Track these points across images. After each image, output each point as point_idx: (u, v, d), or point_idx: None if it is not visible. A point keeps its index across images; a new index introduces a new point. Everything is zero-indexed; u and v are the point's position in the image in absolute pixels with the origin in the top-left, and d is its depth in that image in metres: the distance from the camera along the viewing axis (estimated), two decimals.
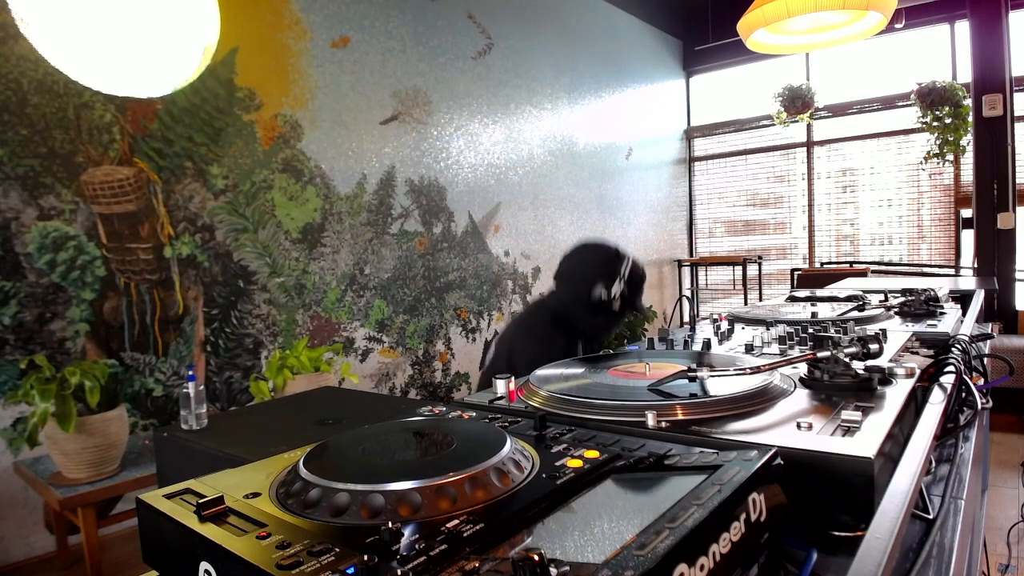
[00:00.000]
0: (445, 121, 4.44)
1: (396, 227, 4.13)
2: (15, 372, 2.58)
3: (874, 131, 5.96)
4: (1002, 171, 4.96)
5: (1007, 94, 4.94)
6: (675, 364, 0.90)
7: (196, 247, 3.16)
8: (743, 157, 6.79)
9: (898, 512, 0.52)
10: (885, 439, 0.61)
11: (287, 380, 2.58)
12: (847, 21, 2.56)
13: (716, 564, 0.41)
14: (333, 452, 0.62)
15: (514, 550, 0.42)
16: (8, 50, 2.57)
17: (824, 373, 0.81)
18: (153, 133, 3.01)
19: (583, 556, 0.41)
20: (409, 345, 4.20)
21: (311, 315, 3.66)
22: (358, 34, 3.88)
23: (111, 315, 2.87)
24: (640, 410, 0.70)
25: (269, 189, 3.45)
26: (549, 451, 0.61)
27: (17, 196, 2.61)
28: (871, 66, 5.95)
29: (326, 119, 3.72)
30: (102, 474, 2.37)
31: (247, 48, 3.34)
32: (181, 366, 3.09)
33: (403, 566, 0.40)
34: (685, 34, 6.93)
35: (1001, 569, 2.40)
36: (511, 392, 0.85)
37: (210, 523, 0.48)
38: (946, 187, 5.62)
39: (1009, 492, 3.24)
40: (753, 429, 0.66)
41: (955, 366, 0.94)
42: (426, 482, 0.50)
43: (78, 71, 1.86)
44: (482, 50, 4.70)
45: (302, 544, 0.43)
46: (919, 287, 1.70)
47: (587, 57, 5.62)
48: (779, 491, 0.53)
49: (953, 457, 0.93)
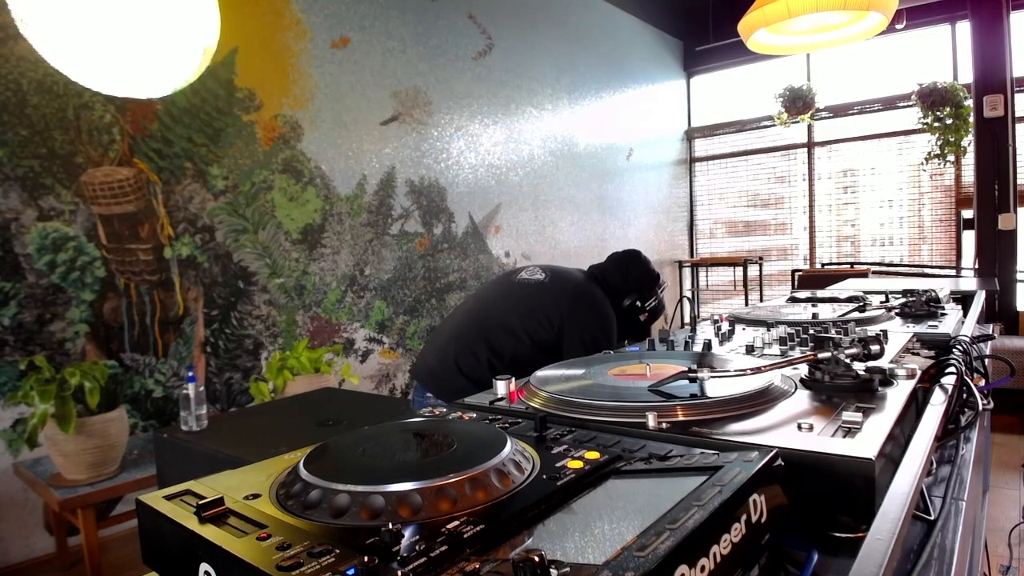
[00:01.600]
0: (445, 122, 4.44)
1: (396, 228, 4.13)
2: (15, 373, 2.58)
3: (875, 132, 5.96)
4: (1003, 172, 4.96)
5: (1008, 95, 4.94)
6: (676, 365, 0.90)
7: (196, 248, 3.16)
8: (744, 158, 6.79)
9: (899, 513, 0.52)
10: (886, 440, 0.61)
11: (287, 381, 2.58)
12: (848, 21, 2.56)
13: (717, 565, 0.41)
14: (333, 453, 0.62)
15: (515, 551, 0.41)
16: (8, 50, 2.57)
17: (825, 374, 0.80)
18: (153, 134, 3.01)
19: (584, 557, 0.41)
20: (409, 346, 4.20)
21: (311, 316, 3.66)
22: (358, 34, 3.88)
23: (111, 316, 2.87)
24: (641, 411, 0.70)
25: (269, 190, 3.45)
26: (549, 452, 0.61)
27: (17, 197, 2.61)
28: (872, 67, 5.95)
29: (326, 119, 3.72)
30: (102, 475, 2.37)
31: (247, 48, 3.34)
32: (181, 367, 3.09)
33: (403, 567, 0.40)
34: (685, 34, 6.93)
35: (1002, 570, 2.40)
36: (511, 393, 0.85)
37: (210, 524, 0.48)
38: (947, 188, 5.62)
39: (1010, 493, 3.24)
40: (754, 430, 0.66)
41: (956, 367, 0.94)
42: (426, 483, 0.50)
43: (78, 71, 1.86)
44: (482, 50, 4.70)
45: (302, 545, 0.43)
46: (920, 288, 1.70)
47: (587, 57, 5.63)
48: (780, 492, 0.53)
49: (954, 458, 0.93)
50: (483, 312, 1.98)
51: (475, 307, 2.03)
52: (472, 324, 1.94)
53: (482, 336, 1.88)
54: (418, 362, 2.04)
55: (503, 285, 2.05)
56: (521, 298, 1.95)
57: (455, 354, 1.88)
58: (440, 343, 1.98)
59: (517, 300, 1.95)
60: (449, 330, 1.99)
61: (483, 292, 2.14)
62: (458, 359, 1.87)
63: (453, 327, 1.99)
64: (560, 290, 1.95)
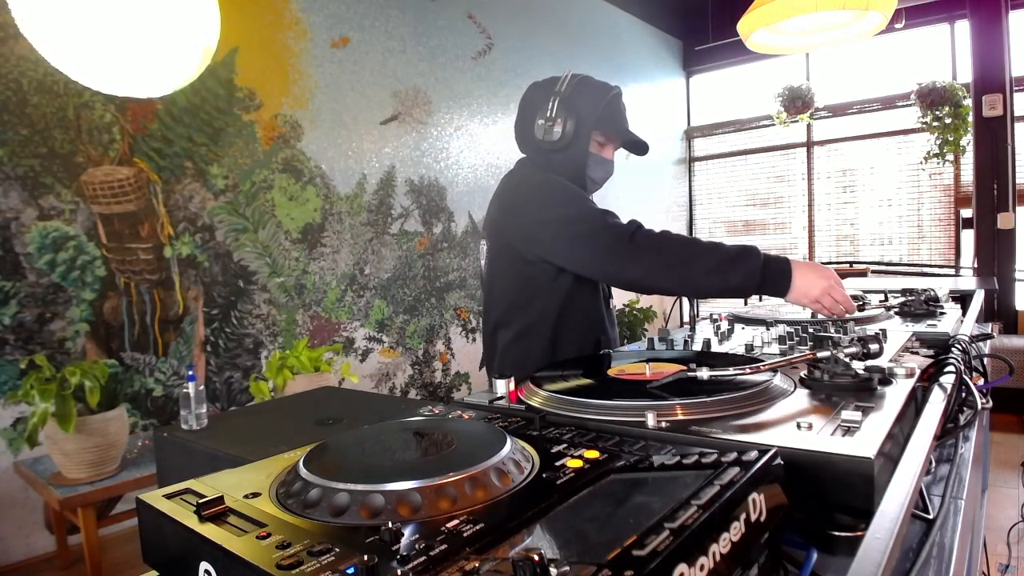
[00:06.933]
0: (445, 121, 4.44)
1: (396, 227, 4.13)
2: (15, 372, 2.58)
3: (874, 131, 5.96)
4: (1002, 171, 4.96)
5: (1007, 94, 4.94)
6: (675, 364, 0.90)
7: (196, 247, 3.16)
8: (743, 157, 6.79)
9: (898, 512, 0.52)
10: (885, 439, 0.61)
11: (287, 380, 2.58)
12: (847, 21, 2.56)
13: (716, 564, 0.41)
14: (333, 452, 0.62)
15: (514, 550, 0.42)
16: (8, 50, 2.57)
17: (824, 373, 0.81)
18: (153, 133, 3.01)
19: (583, 556, 0.41)
20: (409, 345, 4.20)
21: (311, 315, 3.66)
22: (358, 34, 3.88)
23: (111, 315, 2.87)
24: (640, 410, 0.70)
25: (269, 189, 3.45)
26: (549, 451, 0.61)
27: (17, 196, 2.61)
28: (871, 66, 5.95)
29: (326, 119, 3.72)
30: (102, 474, 2.37)
31: (247, 48, 3.34)
32: (181, 366, 3.09)
33: (403, 566, 0.40)
34: (685, 34, 6.92)
35: (1001, 569, 2.40)
36: (511, 392, 0.85)
37: (210, 523, 0.48)
38: (946, 187, 5.62)
39: (1009, 492, 3.24)
40: (753, 429, 0.66)
41: (955, 366, 0.94)
42: (426, 482, 0.50)
43: (78, 71, 1.85)
44: (482, 50, 4.70)
45: (302, 544, 0.44)
46: (919, 287, 1.70)
47: (587, 57, 5.62)
48: (779, 491, 0.53)
49: (953, 457, 0.93)
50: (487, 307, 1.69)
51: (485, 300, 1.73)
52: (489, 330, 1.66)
53: (494, 332, 1.62)
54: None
55: (482, 279, 1.74)
56: (492, 274, 1.60)
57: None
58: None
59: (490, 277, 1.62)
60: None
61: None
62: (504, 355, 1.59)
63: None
64: (494, 229, 1.56)
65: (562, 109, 1.50)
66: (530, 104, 1.59)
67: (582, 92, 1.54)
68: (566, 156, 1.54)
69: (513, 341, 1.54)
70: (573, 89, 1.53)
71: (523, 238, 1.47)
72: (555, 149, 1.53)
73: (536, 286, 1.50)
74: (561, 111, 1.50)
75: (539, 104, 1.55)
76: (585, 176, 1.57)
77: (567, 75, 1.57)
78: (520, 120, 1.63)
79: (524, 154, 1.67)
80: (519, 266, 1.50)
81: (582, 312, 1.55)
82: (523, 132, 1.61)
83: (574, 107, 1.51)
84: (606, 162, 1.61)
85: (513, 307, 1.54)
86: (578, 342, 1.54)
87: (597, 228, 1.35)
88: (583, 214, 1.38)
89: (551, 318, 1.51)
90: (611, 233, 1.33)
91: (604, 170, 1.61)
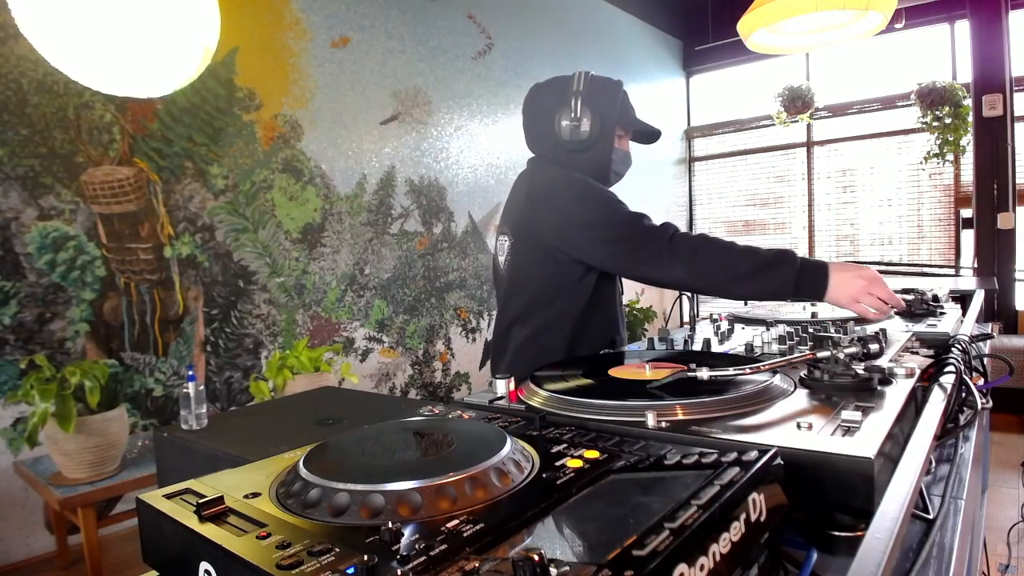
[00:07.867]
0: (445, 121, 4.44)
1: (396, 227, 4.13)
2: (15, 372, 2.58)
3: (874, 131, 5.96)
4: (1002, 171, 4.96)
5: (1007, 94, 4.94)
6: (675, 364, 0.90)
7: (196, 247, 3.16)
8: (743, 157, 6.79)
9: (898, 512, 0.52)
10: (885, 439, 0.61)
11: (287, 380, 2.58)
12: (847, 21, 2.56)
13: (716, 564, 0.41)
14: (333, 452, 0.62)
15: (514, 550, 0.42)
16: (8, 50, 2.57)
17: (824, 373, 0.81)
18: (153, 133, 3.01)
19: (583, 556, 0.41)
20: (409, 345, 4.20)
21: (311, 315, 3.66)
22: (358, 34, 3.88)
23: (111, 315, 2.87)
24: (640, 410, 0.70)
25: (269, 189, 3.45)
26: (549, 451, 0.61)
27: (17, 196, 2.61)
28: (871, 66, 5.95)
29: (326, 119, 3.72)
30: (102, 474, 2.37)
31: (247, 48, 3.34)
32: (181, 366, 3.09)
33: (403, 566, 0.40)
34: (685, 34, 6.93)
35: (1001, 569, 2.40)
36: (511, 392, 0.85)
37: (210, 523, 0.48)
38: (946, 187, 5.62)
39: (1009, 492, 3.24)
40: (753, 429, 0.66)
41: (955, 366, 0.94)
42: (426, 482, 0.50)
43: (78, 71, 1.85)
44: (482, 50, 4.70)
45: (302, 544, 0.44)
46: (919, 287, 1.70)
47: (587, 57, 5.62)
48: (779, 491, 0.53)
49: (953, 457, 0.93)
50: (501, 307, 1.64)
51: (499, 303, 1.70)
52: (501, 330, 1.62)
53: (507, 328, 1.58)
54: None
55: (497, 275, 1.72)
56: (513, 275, 1.57)
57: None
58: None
59: (506, 274, 1.59)
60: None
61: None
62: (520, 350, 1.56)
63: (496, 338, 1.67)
64: (522, 226, 1.53)
65: (586, 108, 1.52)
66: (541, 106, 1.60)
67: (599, 89, 1.57)
68: (592, 153, 1.56)
69: (530, 338, 1.53)
70: (590, 87, 1.55)
71: (559, 238, 1.46)
72: (581, 148, 1.54)
73: (561, 284, 1.50)
74: (586, 110, 1.52)
75: (555, 105, 1.56)
76: (609, 171, 1.60)
77: (579, 74, 1.58)
78: (531, 122, 1.63)
79: (535, 154, 1.68)
80: (546, 264, 1.50)
81: (601, 312, 1.56)
82: (538, 133, 1.62)
83: (597, 104, 1.54)
84: (627, 155, 1.65)
85: (534, 304, 1.53)
86: (594, 341, 1.55)
87: (635, 232, 1.39)
88: (621, 218, 1.42)
89: (572, 316, 1.52)
90: (649, 237, 1.38)
91: (625, 163, 1.65)
